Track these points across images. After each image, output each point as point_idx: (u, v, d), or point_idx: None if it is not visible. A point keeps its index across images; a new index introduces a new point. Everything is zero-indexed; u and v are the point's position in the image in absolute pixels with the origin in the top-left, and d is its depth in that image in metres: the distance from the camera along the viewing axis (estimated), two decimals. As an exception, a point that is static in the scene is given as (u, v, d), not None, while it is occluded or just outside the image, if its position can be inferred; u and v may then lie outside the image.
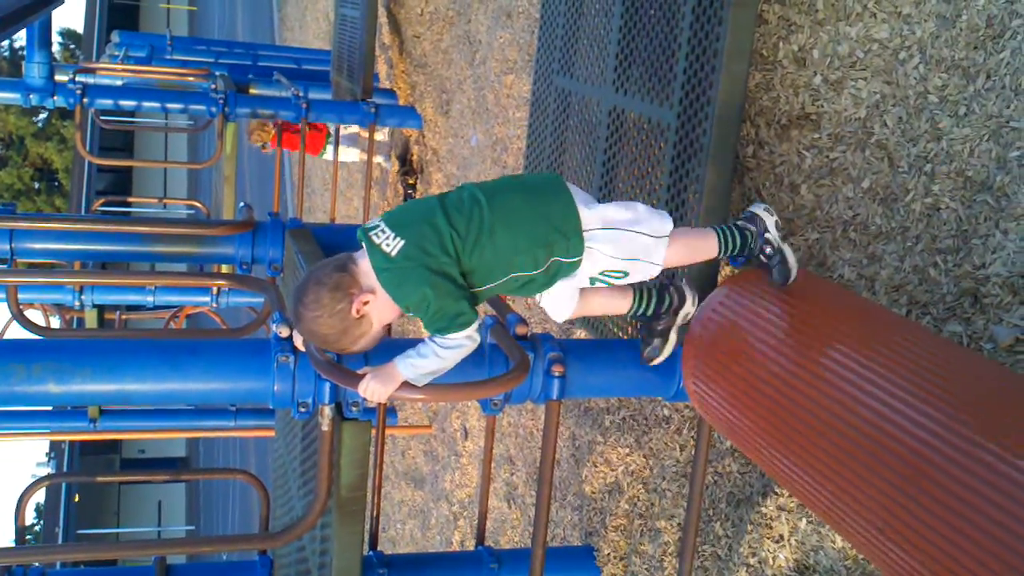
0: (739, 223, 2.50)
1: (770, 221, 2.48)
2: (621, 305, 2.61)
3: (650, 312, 2.56)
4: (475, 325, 2.23)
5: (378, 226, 2.27)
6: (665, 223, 2.40)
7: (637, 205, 2.41)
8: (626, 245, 2.36)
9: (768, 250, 2.46)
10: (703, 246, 2.50)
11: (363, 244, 2.27)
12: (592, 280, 2.42)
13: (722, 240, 2.48)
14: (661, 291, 2.56)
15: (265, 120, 7.58)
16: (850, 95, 2.68)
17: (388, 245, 2.22)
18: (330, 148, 7.91)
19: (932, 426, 1.81)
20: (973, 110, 2.30)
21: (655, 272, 2.44)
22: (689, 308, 2.57)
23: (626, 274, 2.42)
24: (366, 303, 2.22)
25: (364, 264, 2.25)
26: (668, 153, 3.08)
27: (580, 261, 2.36)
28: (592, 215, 2.35)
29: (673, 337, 2.62)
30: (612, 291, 2.56)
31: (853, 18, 2.66)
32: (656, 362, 2.66)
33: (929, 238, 2.41)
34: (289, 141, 7.73)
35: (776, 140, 2.97)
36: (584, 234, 2.33)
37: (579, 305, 2.56)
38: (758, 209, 2.50)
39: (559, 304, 2.53)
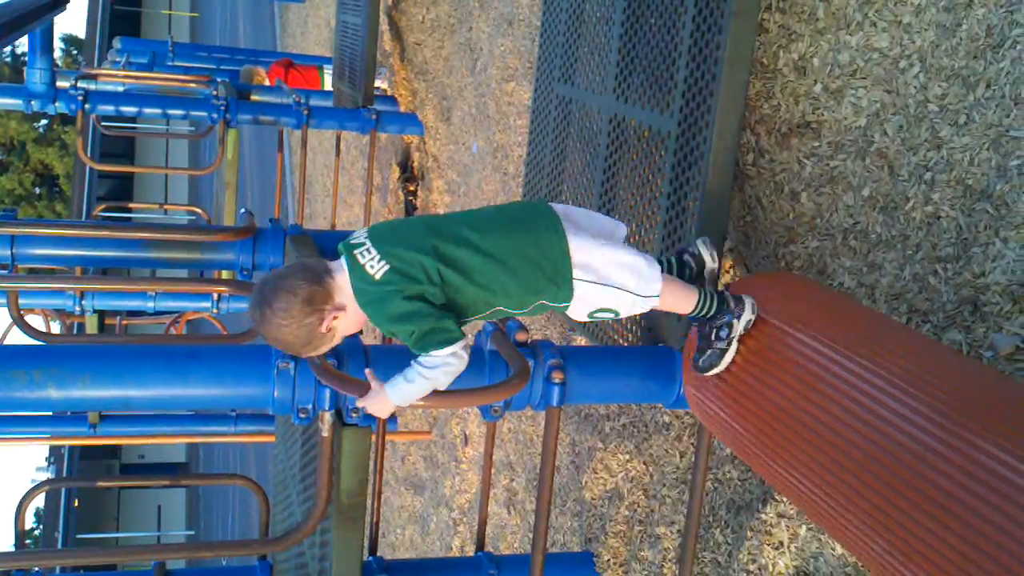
0: (725, 294, 2.47)
1: (750, 316, 2.44)
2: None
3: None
4: (461, 343, 2.18)
5: (363, 244, 2.21)
6: (653, 284, 2.36)
7: (635, 260, 2.35)
8: (611, 299, 2.34)
9: (723, 334, 2.44)
10: (683, 302, 2.47)
11: (344, 259, 2.22)
12: (590, 315, 2.39)
13: (702, 301, 2.45)
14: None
15: (257, 70, 8.70)
16: (850, 104, 2.68)
17: (372, 267, 2.16)
18: (327, 76, 8.59)
19: (936, 431, 1.81)
20: (973, 119, 2.31)
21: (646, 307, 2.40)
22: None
23: (616, 313, 2.39)
24: (336, 319, 2.18)
25: (341, 279, 2.19)
26: (668, 161, 3.08)
27: (568, 307, 2.34)
28: (583, 260, 2.30)
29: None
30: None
31: (853, 27, 2.67)
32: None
33: (929, 246, 2.41)
34: (294, 81, 8.42)
35: (776, 148, 2.98)
36: (573, 282, 2.29)
37: None
38: (747, 300, 2.46)
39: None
